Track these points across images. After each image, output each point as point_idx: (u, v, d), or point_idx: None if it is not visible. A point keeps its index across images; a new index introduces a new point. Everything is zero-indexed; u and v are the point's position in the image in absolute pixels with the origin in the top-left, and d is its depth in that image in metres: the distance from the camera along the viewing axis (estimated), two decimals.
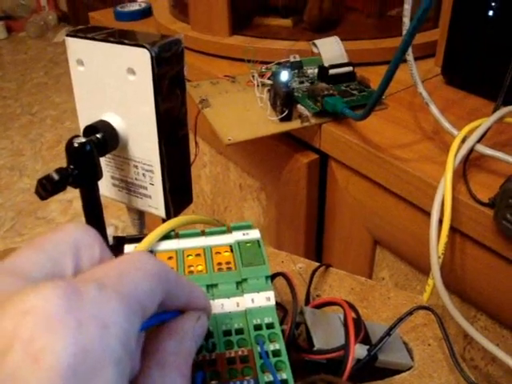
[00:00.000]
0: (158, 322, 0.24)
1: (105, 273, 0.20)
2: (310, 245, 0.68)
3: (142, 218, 0.48)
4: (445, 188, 0.45)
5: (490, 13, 0.57)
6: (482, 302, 0.51)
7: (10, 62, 3.08)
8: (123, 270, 0.21)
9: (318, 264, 0.45)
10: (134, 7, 1.02)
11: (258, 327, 0.29)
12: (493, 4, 0.57)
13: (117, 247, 0.36)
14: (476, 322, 0.53)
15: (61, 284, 0.18)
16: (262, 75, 0.64)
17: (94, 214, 0.41)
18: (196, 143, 0.68)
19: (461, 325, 0.43)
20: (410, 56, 0.53)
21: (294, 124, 0.57)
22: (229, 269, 0.32)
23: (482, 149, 0.47)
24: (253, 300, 0.30)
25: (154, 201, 0.42)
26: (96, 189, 0.40)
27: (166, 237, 0.34)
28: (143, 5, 1.03)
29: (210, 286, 0.31)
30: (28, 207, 1.72)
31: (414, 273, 0.58)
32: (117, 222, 1.52)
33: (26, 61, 3.09)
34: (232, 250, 0.33)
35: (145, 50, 0.35)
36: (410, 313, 0.36)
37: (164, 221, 0.43)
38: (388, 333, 0.35)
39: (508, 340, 0.51)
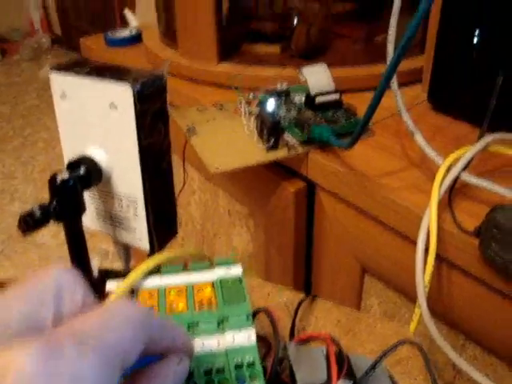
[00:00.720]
0: (138, 366, 0.23)
1: (86, 324, 0.20)
2: (299, 272, 0.68)
3: (127, 250, 0.47)
4: (430, 218, 0.45)
5: (475, 40, 0.58)
6: (470, 331, 0.50)
7: (4, 85, 3.09)
8: (105, 320, 0.21)
9: (304, 295, 0.45)
10: (125, 33, 1.03)
11: (238, 366, 0.29)
12: (477, 31, 0.57)
13: (102, 280, 0.36)
14: (465, 351, 0.53)
15: (38, 343, 0.18)
16: (249, 103, 0.64)
17: (77, 248, 0.41)
18: (184, 170, 0.68)
19: (448, 355, 0.43)
20: (394, 84, 0.53)
21: (281, 152, 0.57)
22: (210, 306, 0.31)
23: (467, 177, 0.47)
24: (234, 338, 0.30)
25: (138, 234, 0.42)
26: (79, 223, 0.39)
27: (149, 272, 0.34)
28: (134, 31, 1.03)
29: (190, 325, 0.30)
30: (18, 231, 1.70)
31: (402, 300, 0.58)
32: (107, 247, 1.52)
33: (19, 83, 3.10)
34: (214, 287, 0.33)
35: (127, 87, 0.35)
36: (394, 347, 0.36)
37: (149, 255, 0.43)
38: (372, 367, 0.35)
39: (497, 368, 0.51)
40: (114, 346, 0.20)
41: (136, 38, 1.01)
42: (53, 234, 1.64)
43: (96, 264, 0.45)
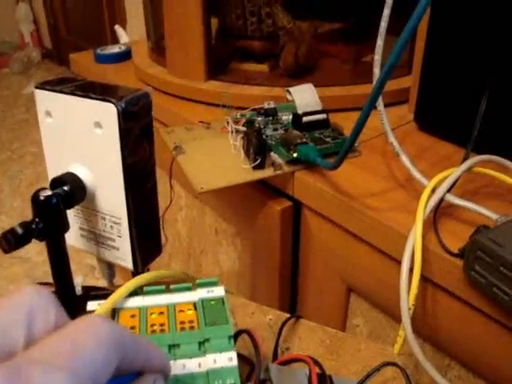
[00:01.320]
0: None
1: (56, 346, 0.20)
2: (285, 290, 0.68)
3: (111, 268, 0.47)
4: (415, 238, 0.45)
5: (461, 62, 0.58)
6: (455, 352, 0.50)
7: None
8: (76, 341, 0.21)
9: (288, 315, 0.44)
10: (114, 50, 1.03)
11: None
12: (463, 53, 0.58)
13: (85, 297, 0.35)
14: (450, 371, 0.53)
15: (3, 369, 0.17)
16: (236, 122, 0.65)
17: (60, 266, 0.40)
18: (171, 187, 0.67)
19: (433, 377, 0.43)
20: (380, 106, 0.54)
21: (267, 172, 0.57)
22: (191, 328, 0.31)
23: (451, 199, 0.48)
24: (215, 360, 0.30)
25: (122, 253, 0.42)
26: (62, 241, 0.39)
27: (131, 293, 0.34)
28: (123, 47, 1.04)
29: (171, 346, 0.30)
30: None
31: (388, 320, 0.58)
32: (93, 263, 1.51)
33: (7, 97, 3.09)
34: (196, 308, 0.33)
35: (111, 105, 0.35)
36: (377, 369, 0.36)
37: (133, 273, 0.43)
38: None
39: None
40: (84, 367, 0.20)
41: (125, 55, 1.01)
42: (39, 251, 1.63)
43: (80, 281, 0.45)
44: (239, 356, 0.31)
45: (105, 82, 0.41)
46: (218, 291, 0.34)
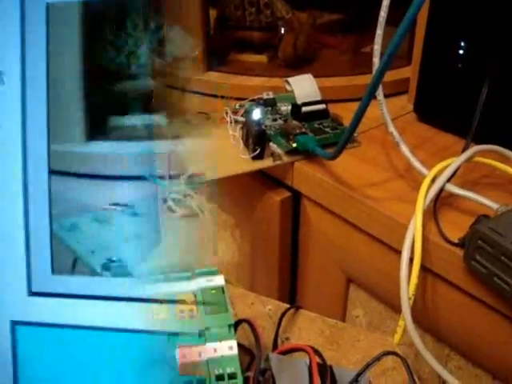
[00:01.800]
0: None
1: None
2: (284, 281, 0.68)
3: None
4: (415, 228, 0.45)
5: (461, 51, 0.58)
6: (455, 342, 0.50)
7: None
8: None
9: (287, 306, 0.44)
10: None
11: (220, 377, 0.28)
12: (463, 43, 0.57)
13: None
14: (450, 362, 0.53)
15: None
16: (235, 112, 0.64)
17: None
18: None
19: (433, 367, 0.43)
20: (380, 96, 0.54)
21: (267, 162, 0.57)
22: (191, 317, 0.31)
23: (451, 188, 0.47)
24: (215, 349, 0.30)
25: None
26: None
27: None
28: None
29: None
30: None
31: (387, 311, 0.57)
32: None
33: None
34: (196, 297, 0.32)
35: None
36: (377, 358, 0.36)
37: None
38: (355, 379, 0.35)
39: (482, 379, 0.50)
40: None
41: None
42: None
43: None
44: (239, 346, 0.31)
45: None
46: (218, 280, 0.34)
